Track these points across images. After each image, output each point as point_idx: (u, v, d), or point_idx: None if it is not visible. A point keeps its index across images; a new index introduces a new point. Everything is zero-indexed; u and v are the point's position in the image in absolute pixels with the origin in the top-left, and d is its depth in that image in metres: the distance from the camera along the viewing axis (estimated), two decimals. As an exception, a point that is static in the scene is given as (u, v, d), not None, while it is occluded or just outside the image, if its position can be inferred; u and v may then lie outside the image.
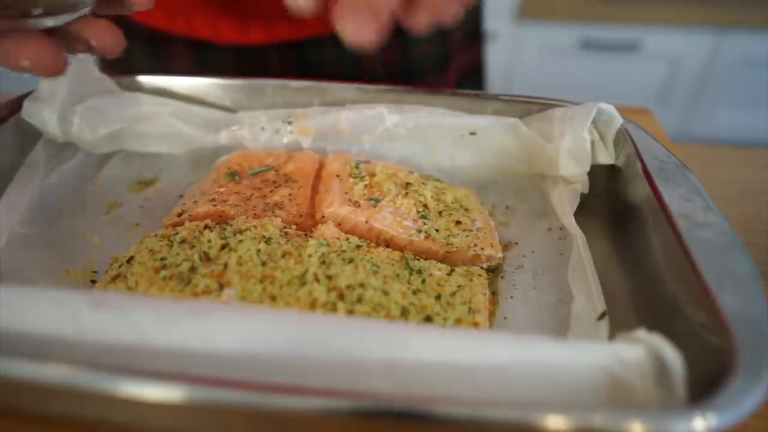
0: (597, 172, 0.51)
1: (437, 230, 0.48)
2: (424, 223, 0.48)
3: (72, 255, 0.49)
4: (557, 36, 2.04)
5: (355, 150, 0.60)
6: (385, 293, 0.40)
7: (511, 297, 0.46)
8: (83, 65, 0.57)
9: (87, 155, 0.59)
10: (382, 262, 0.43)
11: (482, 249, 0.48)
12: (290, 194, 0.51)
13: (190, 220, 0.48)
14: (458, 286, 0.43)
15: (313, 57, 0.77)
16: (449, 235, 0.48)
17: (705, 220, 0.40)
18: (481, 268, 0.48)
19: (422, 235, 0.48)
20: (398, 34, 0.83)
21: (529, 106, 0.57)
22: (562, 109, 0.54)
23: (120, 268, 0.42)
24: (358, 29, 0.33)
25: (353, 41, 0.33)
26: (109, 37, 0.44)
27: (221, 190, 0.52)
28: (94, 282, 0.46)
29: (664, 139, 0.68)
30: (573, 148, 0.51)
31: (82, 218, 0.53)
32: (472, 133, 0.58)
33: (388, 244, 0.48)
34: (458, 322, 0.40)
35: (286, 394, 0.28)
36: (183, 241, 0.44)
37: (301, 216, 0.50)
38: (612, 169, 0.52)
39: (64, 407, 0.33)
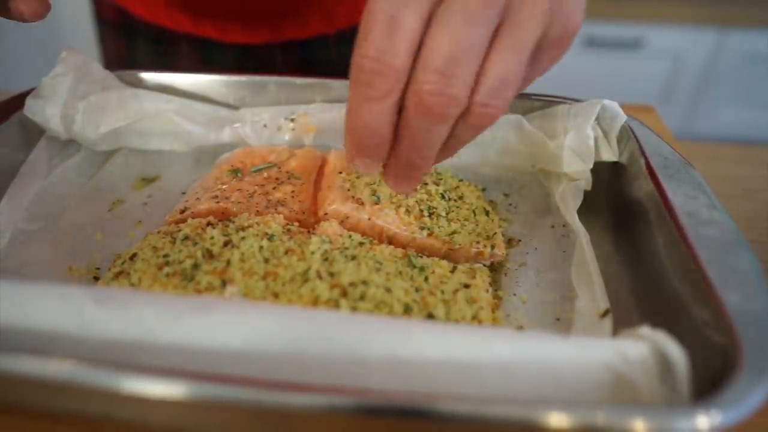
0: (600, 170, 0.51)
1: (440, 227, 0.48)
2: (427, 220, 0.48)
3: (75, 252, 0.49)
4: (560, 33, 2.03)
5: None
6: (388, 290, 0.40)
7: (514, 294, 0.46)
8: (86, 61, 0.57)
9: (89, 152, 0.59)
10: (384, 260, 0.43)
11: (485, 246, 0.48)
12: (293, 191, 0.51)
13: (193, 217, 0.48)
14: (461, 284, 0.43)
15: (316, 56, 0.77)
16: (452, 233, 0.48)
17: (709, 218, 0.39)
18: (484, 265, 0.48)
19: (425, 233, 0.48)
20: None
21: (531, 103, 0.57)
22: (566, 106, 0.54)
23: (123, 265, 0.42)
24: (403, 189, 0.40)
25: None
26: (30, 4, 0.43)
27: (224, 187, 0.52)
28: (97, 279, 0.46)
29: (667, 137, 0.68)
30: (576, 145, 0.51)
31: (85, 215, 0.53)
32: (475, 131, 0.58)
33: (391, 241, 0.48)
34: (461, 319, 0.40)
35: (289, 391, 0.28)
36: (186, 238, 0.43)
37: (303, 213, 0.49)
38: (615, 166, 0.51)
39: (67, 403, 0.33)
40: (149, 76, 0.61)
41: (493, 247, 0.48)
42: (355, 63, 0.32)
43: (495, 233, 0.49)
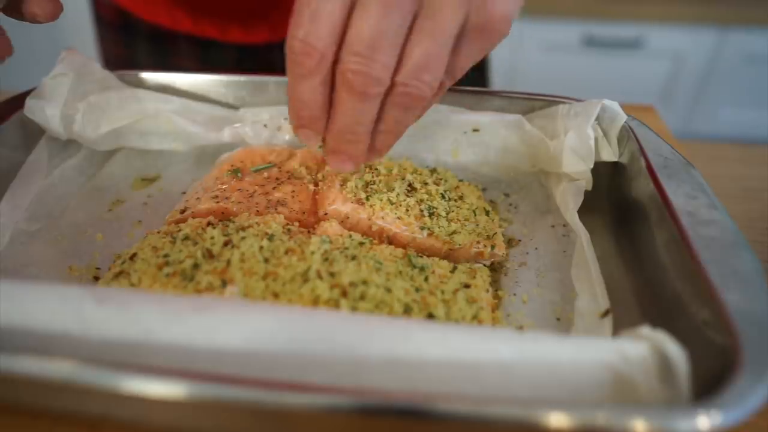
0: (601, 170, 0.51)
1: (440, 227, 0.48)
2: (428, 220, 0.48)
3: (75, 251, 0.49)
4: (560, 33, 2.04)
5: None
6: (388, 290, 0.40)
7: (515, 294, 0.46)
8: (86, 62, 0.57)
9: (90, 152, 0.59)
10: (385, 260, 0.43)
11: (485, 246, 0.48)
12: (293, 191, 0.51)
13: (193, 217, 0.48)
14: (461, 284, 0.43)
15: None
16: (452, 232, 0.48)
17: (709, 218, 0.39)
18: (484, 265, 0.48)
19: (425, 232, 0.47)
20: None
21: (532, 103, 0.57)
22: (566, 106, 0.54)
23: (123, 264, 0.42)
24: (341, 167, 0.42)
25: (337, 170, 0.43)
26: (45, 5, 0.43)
27: (224, 187, 0.52)
28: (97, 279, 0.46)
29: (667, 137, 0.68)
30: (576, 145, 0.51)
31: (85, 215, 0.53)
32: (475, 130, 0.58)
33: (391, 241, 0.48)
34: (461, 319, 0.40)
35: (289, 391, 0.28)
36: (186, 238, 0.43)
37: (303, 213, 0.49)
38: (616, 166, 0.51)
39: (67, 403, 0.33)
40: (149, 76, 0.61)
41: (493, 247, 0.48)
42: (288, 45, 0.36)
43: (495, 233, 0.49)
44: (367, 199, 0.49)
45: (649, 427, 0.26)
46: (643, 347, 0.31)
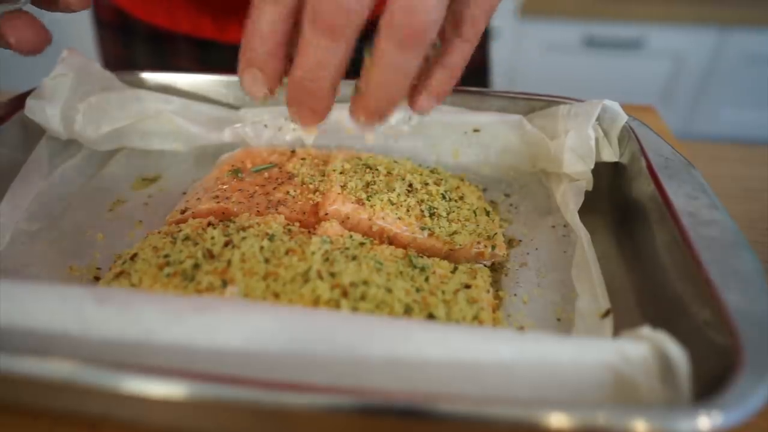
0: (601, 170, 0.51)
1: (441, 228, 0.48)
2: (428, 221, 0.48)
3: (76, 251, 0.49)
4: (560, 33, 2.04)
5: (359, 147, 0.60)
6: (389, 291, 0.39)
7: (515, 294, 0.46)
8: (86, 62, 0.57)
9: (90, 152, 0.59)
10: (385, 260, 0.43)
11: (486, 246, 0.48)
12: (293, 191, 0.51)
13: (194, 217, 0.48)
14: (462, 284, 0.43)
15: None
16: (453, 233, 0.48)
17: (710, 218, 0.39)
18: (485, 265, 0.48)
19: (425, 233, 0.47)
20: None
21: (532, 104, 0.57)
22: (566, 106, 0.54)
23: (123, 265, 0.42)
24: (302, 120, 0.38)
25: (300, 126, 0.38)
26: (29, 34, 0.41)
27: (224, 187, 0.52)
28: (97, 279, 0.46)
29: (667, 137, 0.68)
30: (577, 146, 0.51)
31: (86, 215, 0.53)
32: (476, 130, 0.58)
33: (392, 241, 0.48)
34: (462, 319, 0.40)
35: (289, 391, 0.28)
36: (186, 238, 0.43)
37: (304, 213, 0.49)
38: (616, 166, 0.51)
39: (67, 403, 0.33)
40: (149, 77, 0.61)
41: (493, 247, 0.48)
42: None
43: (496, 233, 0.49)
44: (368, 199, 0.49)
45: (650, 427, 0.26)
46: (644, 348, 0.31)
